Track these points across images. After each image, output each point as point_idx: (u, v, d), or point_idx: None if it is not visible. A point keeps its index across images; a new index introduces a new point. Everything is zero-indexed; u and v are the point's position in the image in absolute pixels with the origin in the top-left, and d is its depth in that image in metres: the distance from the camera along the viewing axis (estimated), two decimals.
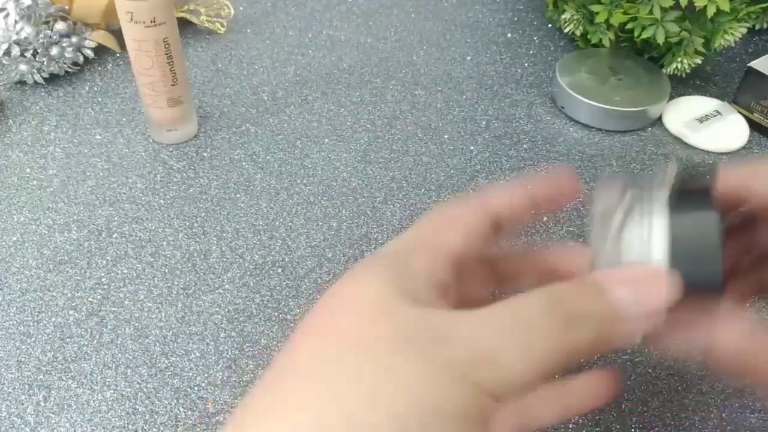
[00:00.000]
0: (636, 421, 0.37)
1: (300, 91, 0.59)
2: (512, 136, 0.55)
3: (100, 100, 0.57)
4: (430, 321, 0.21)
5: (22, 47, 0.56)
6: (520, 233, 0.47)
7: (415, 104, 0.58)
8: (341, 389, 0.20)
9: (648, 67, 0.58)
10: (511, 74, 0.62)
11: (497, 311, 0.22)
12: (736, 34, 0.55)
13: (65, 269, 0.43)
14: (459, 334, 0.21)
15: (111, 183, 0.50)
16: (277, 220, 0.47)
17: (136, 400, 0.37)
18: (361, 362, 0.20)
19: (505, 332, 0.21)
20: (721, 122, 0.55)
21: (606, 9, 0.56)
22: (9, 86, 0.58)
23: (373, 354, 0.21)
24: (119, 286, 0.42)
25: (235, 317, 0.41)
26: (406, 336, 0.21)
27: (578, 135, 0.55)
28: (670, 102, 0.57)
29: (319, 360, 0.21)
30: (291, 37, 0.66)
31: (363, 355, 0.21)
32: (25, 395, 0.37)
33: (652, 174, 0.27)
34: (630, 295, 0.22)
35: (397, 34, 0.67)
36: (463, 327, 0.21)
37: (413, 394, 0.20)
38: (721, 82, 0.61)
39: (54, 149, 0.52)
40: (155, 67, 0.48)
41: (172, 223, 0.47)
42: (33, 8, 0.56)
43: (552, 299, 0.22)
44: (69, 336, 0.40)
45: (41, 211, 0.47)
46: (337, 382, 0.20)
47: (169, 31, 0.47)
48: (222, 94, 0.58)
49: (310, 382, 0.20)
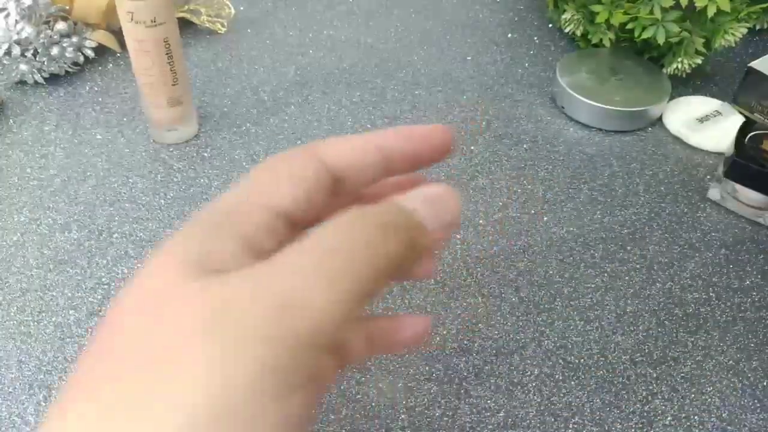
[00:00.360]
0: (636, 422, 0.37)
1: (300, 91, 0.59)
2: (512, 136, 0.55)
3: (100, 100, 0.57)
4: (218, 290, 0.19)
5: (22, 47, 0.56)
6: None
7: (415, 104, 0.58)
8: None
9: (648, 67, 0.58)
10: (512, 74, 0.62)
11: (299, 247, 0.20)
12: (736, 34, 0.55)
13: (66, 269, 0.44)
14: (256, 290, 0.19)
15: (111, 183, 0.50)
16: None
17: None
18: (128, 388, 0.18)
19: (309, 269, 0.19)
20: (721, 122, 0.55)
21: (606, 9, 0.56)
22: (9, 86, 0.58)
23: (144, 373, 0.18)
24: (120, 286, 0.42)
25: None
26: (187, 323, 0.18)
27: (578, 135, 0.55)
28: (670, 102, 0.57)
29: (92, 389, 0.19)
30: (291, 37, 0.66)
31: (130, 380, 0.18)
32: (25, 395, 0.37)
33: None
34: (430, 212, 0.23)
35: (397, 34, 0.67)
36: (262, 279, 0.19)
37: (186, 403, 0.17)
38: (722, 82, 0.61)
39: (54, 149, 0.52)
40: (155, 67, 0.48)
41: (172, 223, 0.47)
42: (34, 8, 0.56)
43: (361, 216, 0.21)
44: (69, 336, 0.40)
45: (42, 211, 0.47)
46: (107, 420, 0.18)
47: (170, 31, 0.47)
48: (222, 94, 0.58)
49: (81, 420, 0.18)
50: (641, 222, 0.48)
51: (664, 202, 0.49)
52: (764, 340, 0.40)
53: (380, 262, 0.20)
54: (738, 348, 0.40)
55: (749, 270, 0.44)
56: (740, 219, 0.48)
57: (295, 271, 0.19)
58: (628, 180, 0.51)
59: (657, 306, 0.42)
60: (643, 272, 0.44)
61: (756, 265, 0.45)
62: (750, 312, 0.42)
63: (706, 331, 0.41)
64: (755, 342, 0.40)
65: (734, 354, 0.39)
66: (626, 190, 0.50)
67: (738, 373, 0.39)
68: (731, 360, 0.39)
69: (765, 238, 0.47)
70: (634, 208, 0.49)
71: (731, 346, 0.40)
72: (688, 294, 0.43)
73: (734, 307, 0.42)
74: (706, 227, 0.47)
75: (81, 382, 0.19)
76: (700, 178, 0.51)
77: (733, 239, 0.46)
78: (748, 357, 0.39)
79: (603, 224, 0.47)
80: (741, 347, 0.40)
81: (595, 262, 0.45)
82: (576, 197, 0.49)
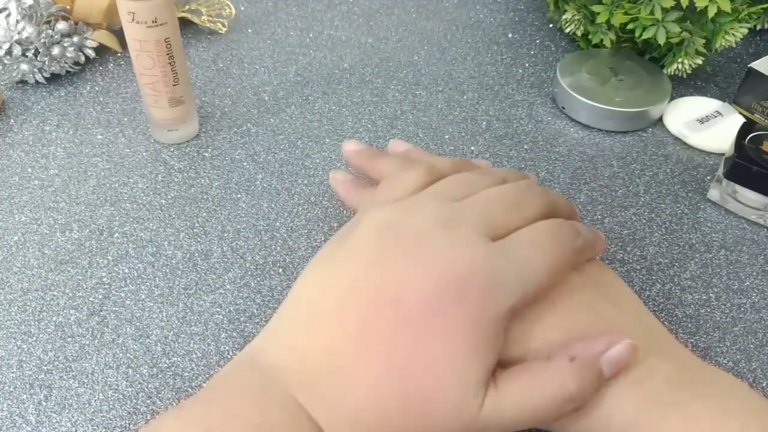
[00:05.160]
0: None
1: (301, 91, 0.59)
2: (513, 136, 0.55)
3: (101, 99, 0.58)
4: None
5: (23, 47, 0.57)
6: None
7: (416, 104, 0.58)
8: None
9: (649, 67, 0.58)
10: (512, 74, 0.62)
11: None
12: (737, 34, 0.55)
13: (66, 269, 0.44)
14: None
15: (112, 183, 0.50)
16: (278, 221, 0.47)
17: (137, 400, 0.37)
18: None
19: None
20: (721, 123, 0.55)
21: (607, 9, 0.56)
22: (10, 86, 0.58)
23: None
24: (120, 286, 0.43)
25: (236, 317, 0.41)
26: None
27: (579, 135, 0.55)
28: (670, 102, 0.57)
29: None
30: (292, 37, 0.66)
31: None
32: (26, 394, 0.37)
33: None
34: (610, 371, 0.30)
35: (398, 35, 0.67)
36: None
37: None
38: (722, 82, 0.61)
39: (55, 149, 0.53)
40: (156, 67, 0.48)
41: (173, 223, 0.47)
42: (35, 8, 0.56)
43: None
44: (70, 335, 0.40)
45: (42, 211, 0.47)
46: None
47: (171, 31, 0.47)
48: (223, 94, 0.59)
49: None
50: (641, 223, 0.48)
51: (664, 203, 0.49)
52: (764, 341, 0.40)
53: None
54: (738, 349, 0.40)
55: (749, 271, 0.44)
56: (740, 220, 0.48)
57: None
58: (629, 180, 0.51)
59: (657, 307, 0.42)
60: (643, 273, 0.44)
61: (756, 266, 0.45)
62: (750, 313, 0.42)
63: (705, 332, 0.41)
64: (755, 343, 0.40)
65: (734, 355, 0.39)
66: (626, 190, 0.50)
67: (738, 374, 0.39)
68: (731, 361, 0.39)
69: (765, 238, 0.47)
70: (634, 208, 0.49)
71: (731, 347, 0.40)
72: (687, 295, 0.43)
73: (734, 308, 0.42)
74: (706, 228, 0.47)
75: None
76: (700, 178, 0.51)
77: (733, 240, 0.46)
78: (748, 358, 0.39)
79: (603, 225, 0.47)
80: (741, 348, 0.40)
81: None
82: (576, 198, 0.49)
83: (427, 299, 0.29)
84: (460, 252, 0.30)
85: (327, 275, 0.31)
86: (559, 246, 0.32)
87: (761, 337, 0.40)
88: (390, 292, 0.29)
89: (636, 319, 0.33)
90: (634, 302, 0.35)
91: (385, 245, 0.31)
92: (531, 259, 0.31)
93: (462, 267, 0.29)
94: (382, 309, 0.29)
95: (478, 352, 0.28)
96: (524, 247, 0.31)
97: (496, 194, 0.34)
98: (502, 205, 0.33)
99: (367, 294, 0.29)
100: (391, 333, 0.28)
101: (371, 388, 0.28)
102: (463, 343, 0.28)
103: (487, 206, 0.33)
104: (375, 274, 0.30)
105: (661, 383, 0.29)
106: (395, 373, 0.28)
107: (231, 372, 0.31)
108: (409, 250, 0.30)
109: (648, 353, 0.31)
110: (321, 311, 0.30)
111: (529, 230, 0.32)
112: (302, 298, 0.32)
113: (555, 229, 0.33)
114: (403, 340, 0.28)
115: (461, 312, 0.28)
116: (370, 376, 0.28)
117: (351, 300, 0.30)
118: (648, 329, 0.33)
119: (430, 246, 0.30)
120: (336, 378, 0.28)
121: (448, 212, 0.32)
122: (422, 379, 0.28)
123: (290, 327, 0.31)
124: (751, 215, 0.47)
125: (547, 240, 0.32)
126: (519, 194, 0.34)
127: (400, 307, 0.29)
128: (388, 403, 0.28)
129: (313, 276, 0.32)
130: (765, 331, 0.41)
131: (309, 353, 0.29)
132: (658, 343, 0.32)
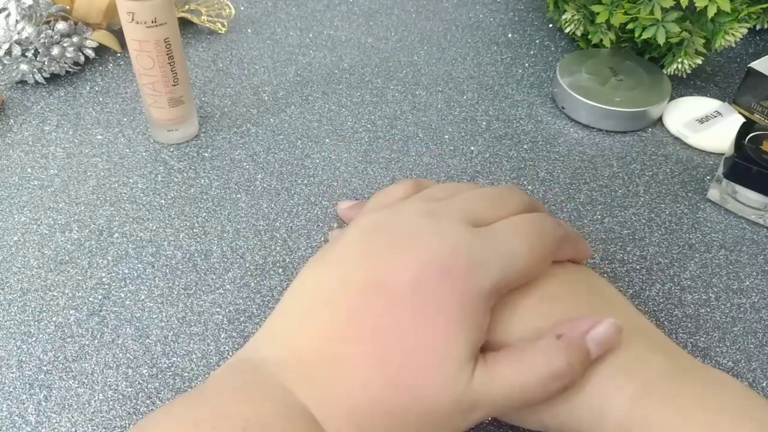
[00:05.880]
0: None
1: (301, 91, 0.59)
2: (513, 136, 0.55)
3: (101, 100, 0.57)
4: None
5: (23, 47, 0.57)
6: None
7: (415, 104, 0.58)
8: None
9: (648, 67, 0.58)
10: (512, 74, 0.62)
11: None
12: (736, 34, 0.55)
13: (66, 269, 0.44)
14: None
15: (112, 183, 0.50)
16: (278, 221, 0.47)
17: (137, 400, 0.37)
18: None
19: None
20: (721, 123, 0.55)
21: (607, 9, 0.56)
22: (10, 86, 0.58)
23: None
24: (120, 286, 0.43)
25: (236, 317, 0.41)
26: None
27: (579, 135, 0.55)
28: (670, 102, 0.57)
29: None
30: (292, 37, 0.66)
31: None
32: (26, 395, 0.37)
33: None
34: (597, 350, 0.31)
35: (397, 35, 0.67)
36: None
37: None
38: (722, 82, 0.61)
39: (55, 149, 0.53)
40: (156, 67, 0.48)
41: (173, 223, 0.47)
42: (34, 8, 0.56)
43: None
44: (70, 335, 0.40)
45: (42, 211, 0.47)
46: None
47: (170, 31, 0.47)
48: (223, 94, 0.59)
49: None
50: (641, 222, 0.48)
51: (663, 203, 0.49)
52: (764, 341, 0.40)
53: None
54: (738, 349, 0.40)
55: (749, 271, 0.44)
56: (740, 220, 0.48)
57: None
58: (628, 180, 0.51)
59: (656, 307, 0.42)
60: (642, 273, 0.44)
61: (756, 266, 0.45)
62: (750, 313, 0.42)
63: (705, 332, 0.41)
64: (755, 343, 0.40)
65: (734, 355, 0.39)
66: (626, 190, 0.50)
67: (738, 374, 0.39)
68: (731, 361, 0.39)
69: (765, 238, 0.47)
70: (634, 208, 0.49)
71: (731, 347, 0.40)
72: (687, 295, 0.43)
73: (734, 308, 0.42)
74: (705, 228, 0.47)
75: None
76: (699, 178, 0.51)
77: (732, 240, 0.46)
78: (748, 358, 0.39)
79: (603, 225, 0.47)
80: (741, 348, 0.40)
81: (595, 262, 0.45)
82: (576, 198, 0.49)
83: (412, 280, 0.30)
84: (444, 236, 0.31)
85: (319, 273, 0.32)
86: (540, 234, 0.33)
87: (761, 337, 0.40)
88: (378, 278, 0.30)
89: (627, 315, 0.33)
90: (627, 304, 0.35)
91: (375, 241, 0.32)
92: (512, 242, 0.32)
93: (445, 248, 0.31)
94: (370, 295, 0.30)
95: (464, 327, 0.29)
96: (506, 233, 0.33)
97: (478, 193, 0.36)
98: (483, 202, 0.35)
99: (356, 284, 0.30)
100: (379, 315, 0.29)
101: (361, 370, 0.29)
102: (449, 320, 0.29)
103: (469, 201, 0.34)
104: (364, 264, 0.31)
105: (655, 375, 0.30)
106: (383, 354, 0.29)
107: (223, 372, 0.31)
108: (396, 241, 0.32)
109: (641, 347, 0.31)
110: (313, 306, 0.31)
111: (510, 220, 0.34)
112: (295, 298, 0.32)
113: (536, 219, 0.34)
114: (391, 321, 0.29)
115: (445, 290, 0.30)
116: (359, 359, 0.29)
117: (341, 291, 0.31)
118: (639, 325, 0.33)
119: (415, 234, 0.32)
120: (329, 366, 0.29)
121: (431, 207, 0.34)
122: (410, 356, 0.29)
123: (283, 324, 0.32)
124: (751, 215, 0.47)
125: (528, 227, 0.33)
126: (500, 193, 0.36)
127: (388, 290, 0.30)
128: (379, 384, 0.28)
129: (305, 277, 0.33)
130: (765, 331, 0.41)
131: (302, 345, 0.30)
132: (651, 338, 0.33)
